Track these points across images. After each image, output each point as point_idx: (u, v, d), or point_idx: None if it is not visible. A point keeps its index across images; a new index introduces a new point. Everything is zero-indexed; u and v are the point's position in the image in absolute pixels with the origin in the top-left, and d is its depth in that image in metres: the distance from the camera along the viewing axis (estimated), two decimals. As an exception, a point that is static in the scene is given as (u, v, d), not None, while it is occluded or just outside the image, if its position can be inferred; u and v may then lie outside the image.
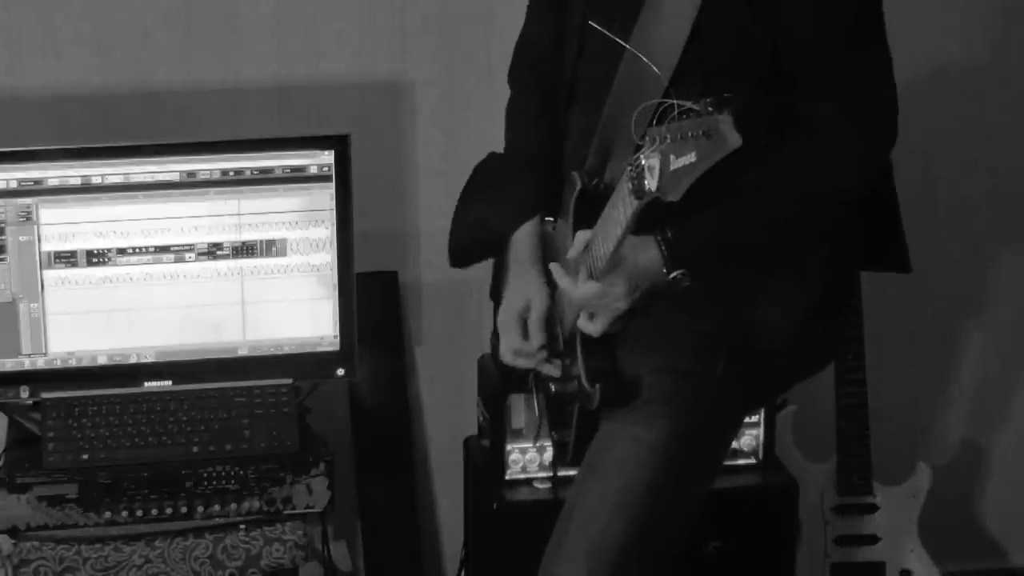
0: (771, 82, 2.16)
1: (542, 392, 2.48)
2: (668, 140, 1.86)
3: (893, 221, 2.39)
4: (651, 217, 2.04)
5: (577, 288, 2.18)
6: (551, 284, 2.32)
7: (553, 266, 2.28)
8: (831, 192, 2.19)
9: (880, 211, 2.37)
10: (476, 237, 2.46)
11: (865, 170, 2.22)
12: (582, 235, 2.20)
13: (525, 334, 2.34)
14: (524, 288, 2.35)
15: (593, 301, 2.18)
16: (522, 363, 2.37)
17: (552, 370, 2.37)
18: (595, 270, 2.15)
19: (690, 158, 1.85)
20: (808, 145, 2.15)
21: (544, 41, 2.42)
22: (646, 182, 1.91)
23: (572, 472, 2.41)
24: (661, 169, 1.87)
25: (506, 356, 2.38)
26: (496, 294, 2.46)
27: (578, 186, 2.26)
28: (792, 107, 2.16)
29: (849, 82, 2.14)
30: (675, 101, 1.87)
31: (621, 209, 2.03)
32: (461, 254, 2.50)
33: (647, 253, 2.12)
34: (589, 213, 2.20)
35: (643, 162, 1.91)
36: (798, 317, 2.30)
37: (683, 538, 2.34)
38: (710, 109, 1.84)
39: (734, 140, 1.83)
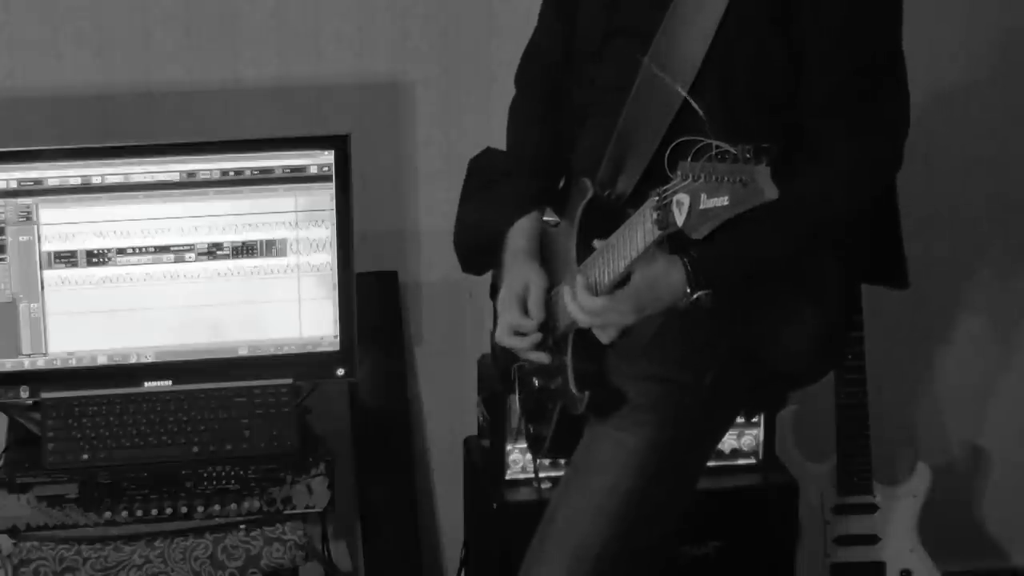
0: (784, 103, 2.16)
1: (525, 387, 2.48)
2: (702, 180, 1.87)
3: (894, 237, 2.40)
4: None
5: (587, 302, 2.16)
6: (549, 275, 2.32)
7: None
8: (838, 220, 2.21)
9: (882, 227, 2.37)
10: (478, 238, 2.45)
11: (867, 200, 2.24)
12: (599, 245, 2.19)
13: (524, 312, 2.33)
14: (522, 272, 2.34)
15: (596, 318, 2.16)
16: (517, 343, 2.35)
17: (542, 357, 2.35)
18: (600, 284, 2.15)
19: (722, 201, 1.86)
20: (822, 176, 2.15)
21: (554, 51, 2.42)
22: (673, 216, 1.92)
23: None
24: (691, 206, 1.89)
25: (502, 335, 2.36)
26: (496, 293, 2.46)
27: (589, 194, 2.25)
28: (800, 127, 2.17)
29: (865, 119, 2.15)
30: (714, 142, 1.88)
31: (640, 235, 2.03)
32: (468, 259, 2.50)
33: (670, 272, 2.11)
34: (597, 222, 2.20)
35: (672, 196, 1.92)
36: (816, 337, 2.31)
37: (665, 542, 2.33)
38: (748, 156, 1.85)
39: (771, 192, 1.84)
